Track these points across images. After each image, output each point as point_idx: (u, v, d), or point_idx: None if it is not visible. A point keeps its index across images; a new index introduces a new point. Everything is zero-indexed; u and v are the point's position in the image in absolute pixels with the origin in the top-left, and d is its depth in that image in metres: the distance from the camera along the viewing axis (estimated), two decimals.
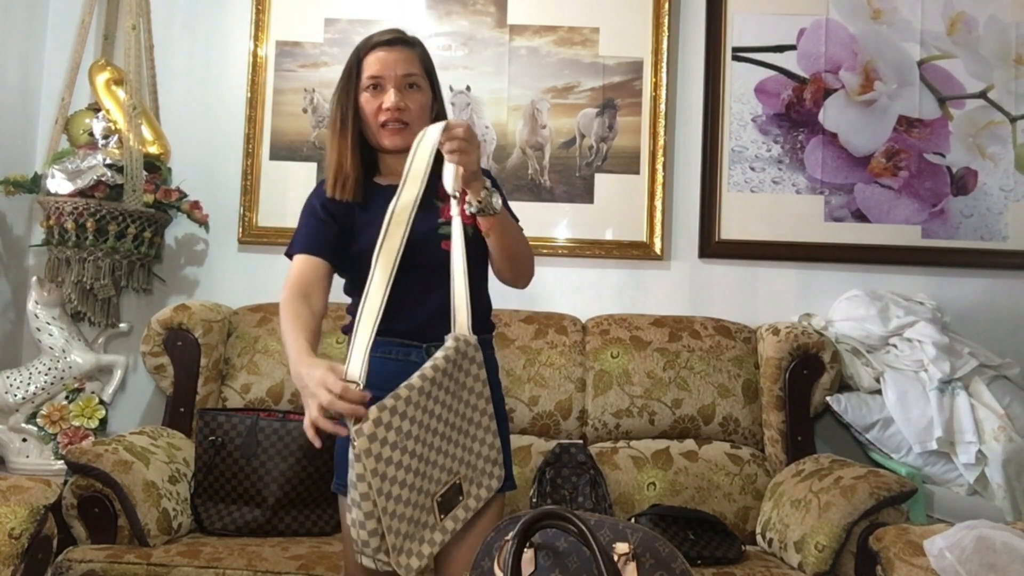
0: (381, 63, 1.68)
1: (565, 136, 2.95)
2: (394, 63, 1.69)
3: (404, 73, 1.69)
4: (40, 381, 2.64)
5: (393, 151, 1.72)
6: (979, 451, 2.51)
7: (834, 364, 2.59)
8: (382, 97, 1.68)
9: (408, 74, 1.69)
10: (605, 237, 2.93)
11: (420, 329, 1.66)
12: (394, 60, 1.69)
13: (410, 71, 1.70)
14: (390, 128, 1.69)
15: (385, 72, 1.68)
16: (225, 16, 3.01)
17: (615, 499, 2.47)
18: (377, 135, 1.70)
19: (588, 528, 1.11)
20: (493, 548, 1.27)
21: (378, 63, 1.69)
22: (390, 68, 1.68)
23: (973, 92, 2.93)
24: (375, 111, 1.68)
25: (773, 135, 2.93)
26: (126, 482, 2.15)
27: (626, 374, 2.63)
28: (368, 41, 1.72)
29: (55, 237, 2.64)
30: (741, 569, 2.16)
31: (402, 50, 1.71)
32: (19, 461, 2.61)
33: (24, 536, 1.70)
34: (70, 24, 2.92)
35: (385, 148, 1.72)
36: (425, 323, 1.66)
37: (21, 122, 2.93)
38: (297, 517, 2.36)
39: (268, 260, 2.89)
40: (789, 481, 2.40)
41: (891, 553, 1.88)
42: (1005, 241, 2.90)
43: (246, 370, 2.64)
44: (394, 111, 1.67)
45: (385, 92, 1.68)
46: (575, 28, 2.96)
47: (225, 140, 2.96)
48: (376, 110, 1.68)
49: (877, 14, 2.94)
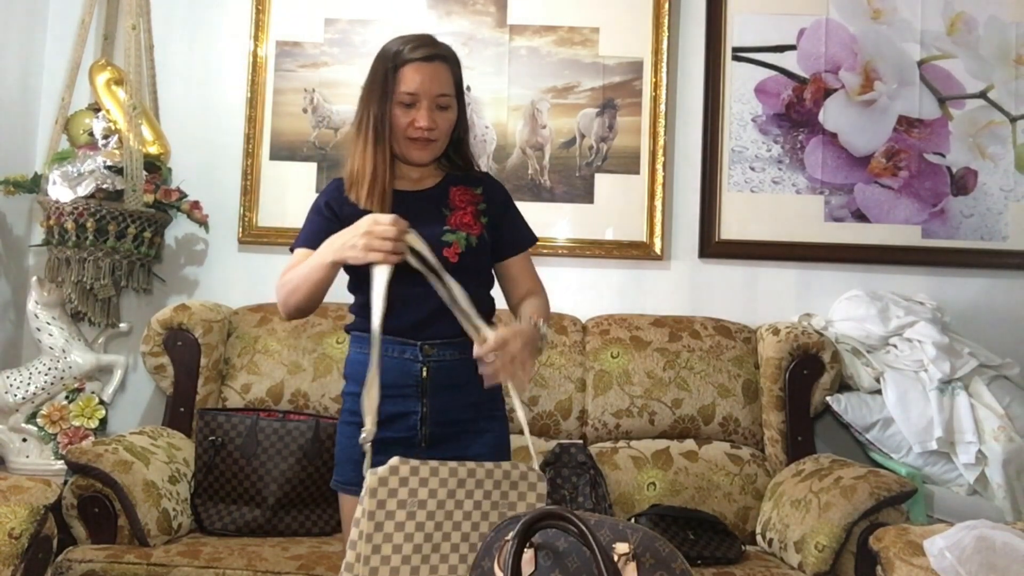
0: (418, 81, 1.67)
1: (565, 136, 2.95)
2: (431, 82, 1.68)
3: (439, 93, 1.69)
4: (40, 381, 2.64)
5: (418, 164, 1.74)
6: (979, 451, 2.51)
7: (834, 364, 2.59)
8: (414, 114, 1.68)
9: (442, 94, 1.69)
10: (605, 237, 2.93)
11: (416, 328, 1.66)
12: (431, 79, 1.68)
13: (444, 91, 1.70)
14: (419, 144, 1.70)
15: (421, 90, 1.67)
16: (225, 16, 3.01)
17: (615, 499, 2.47)
18: (404, 147, 1.71)
19: (588, 528, 1.10)
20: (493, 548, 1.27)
21: (415, 81, 1.67)
22: (427, 86, 1.67)
23: (973, 92, 2.93)
24: (406, 125, 1.69)
25: (773, 135, 2.93)
26: (126, 482, 2.15)
27: (626, 374, 2.63)
28: (406, 52, 1.70)
29: (55, 237, 2.64)
30: (741, 569, 2.16)
31: (439, 67, 1.70)
32: (19, 461, 2.61)
33: (24, 536, 1.70)
34: (70, 24, 2.92)
35: (411, 160, 1.73)
36: (422, 322, 1.66)
37: (21, 122, 2.93)
38: (297, 517, 2.36)
39: (268, 260, 2.88)
40: (789, 481, 2.40)
41: (891, 553, 1.88)
42: (1005, 241, 2.90)
43: (246, 370, 2.64)
44: (425, 131, 1.68)
45: (419, 110, 1.68)
46: (575, 28, 2.96)
47: (225, 140, 2.96)
48: (407, 124, 1.68)
49: (877, 14, 2.94)
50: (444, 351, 1.66)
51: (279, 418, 2.42)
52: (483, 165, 2.91)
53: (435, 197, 1.75)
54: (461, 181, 1.78)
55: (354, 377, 1.72)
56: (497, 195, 1.80)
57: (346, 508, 1.73)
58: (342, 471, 1.73)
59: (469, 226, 1.72)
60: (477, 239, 1.71)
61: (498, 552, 1.24)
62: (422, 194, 1.75)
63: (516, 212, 1.83)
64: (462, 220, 1.73)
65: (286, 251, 1.76)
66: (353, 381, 1.72)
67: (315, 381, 2.60)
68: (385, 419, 1.65)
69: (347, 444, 1.71)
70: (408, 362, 1.66)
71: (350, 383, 1.74)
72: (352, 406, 1.70)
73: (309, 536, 2.34)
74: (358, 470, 1.67)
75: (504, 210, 1.79)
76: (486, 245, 1.73)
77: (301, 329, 2.67)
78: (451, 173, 1.79)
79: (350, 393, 1.73)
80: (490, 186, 1.81)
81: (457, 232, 1.70)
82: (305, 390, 2.60)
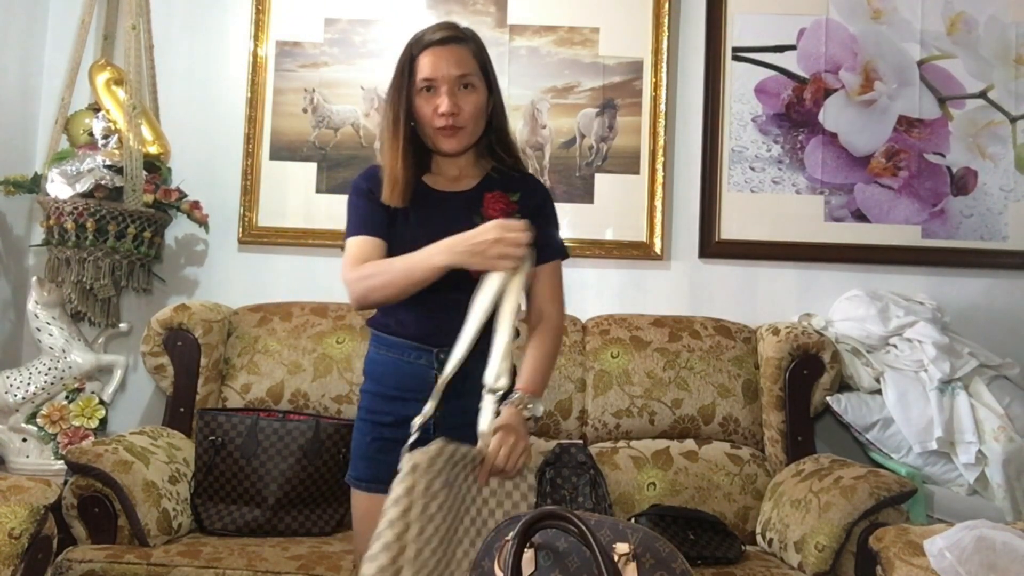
0: (434, 65, 1.63)
1: (565, 136, 2.95)
2: (447, 64, 1.63)
3: (458, 74, 1.64)
4: (40, 381, 2.64)
5: (449, 154, 1.69)
6: (979, 451, 2.51)
7: (834, 364, 2.59)
8: (436, 100, 1.63)
9: (462, 75, 1.64)
10: (605, 237, 2.93)
11: (432, 335, 1.66)
12: (447, 61, 1.63)
13: (464, 71, 1.64)
14: (446, 132, 1.65)
15: (438, 74, 1.63)
16: (225, 16, 3.01)
17: (615, 499, 2.47)
18: (433, 138, 1.67)
19: (588, 528, 1.11)
20: (493, 548, 1.27)
21: (431, 65, 1.63)
22: (443, 69, 1.63)
23: (973, 92, 2.93)
24: (430, 114, 1.64)
25: (773, 135, 2.93)
26: (126, 482, 2.15)
27: (626, 374, 2.63)
28: (420, 39, 1.66)
29: (55, 237, 2.64)
30: (741, 569, 2.16)
31: (455, 49, 1.65)
32: (19, 461, 2.61)
33: (24, 536, 1.70)
34: (70, 24, 2.92)
35: (442, 151, 1.69)
36: (439, 329, 1.65)
37: (21, 122, 2.93)
38: (297, 517, 2.36)
39: (268, 260, 2.88)
40: (789, 481, 2.40)
41: (891, 553, 1.88)
42: (1005, 241, 2.90)
43: (246, 370, 2.64)
44: (448, 116, 1.63)
45: (439, 95, 1.63)
46: (575, 28, 2.96)
47: (225, 140, 2.96)
48: (431, 113, 1.64)
49: (877, 14, 2.94)
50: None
51: (279, 418, 2.42)
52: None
53: (469, 202, 1.70)
54: (499, 184, 1.73)
55: (373, 376, 1.74)
56: (533, 201, 1.74)
57: (355, 505, 1.75)
58: (355, 467, 1.74)
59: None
60: None
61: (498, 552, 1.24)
62: (457, 197, 1.71)
63: (550, 220, 1.77)
64: None
65: (286, 251, 1.76)
66: (372, 380, 1.74)
67: (315, 381, 2.60)
68: (399, 421, 1.67)
69: (362, 441, 1.72)
70: (423, 367, 1.67)
71: (369, 381, 1.75)
72: (369, 404, 1.73)
73: (309, 536, 2.34)
74: (371, 467, 1.69)
75: (537, 217, 1.70)
76: None
77: (301, 329, 2.67)
78: (491, 174, 1.74)
79: (367, 391, 1.74)
80: (529, 192, 1.75)
81: None
82: (305, 390, 2.60)
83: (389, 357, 1.71)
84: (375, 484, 1.67)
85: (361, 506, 1.73)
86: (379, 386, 1.72)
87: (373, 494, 1.66)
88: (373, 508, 1.65)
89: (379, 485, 1.65)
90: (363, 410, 1.75)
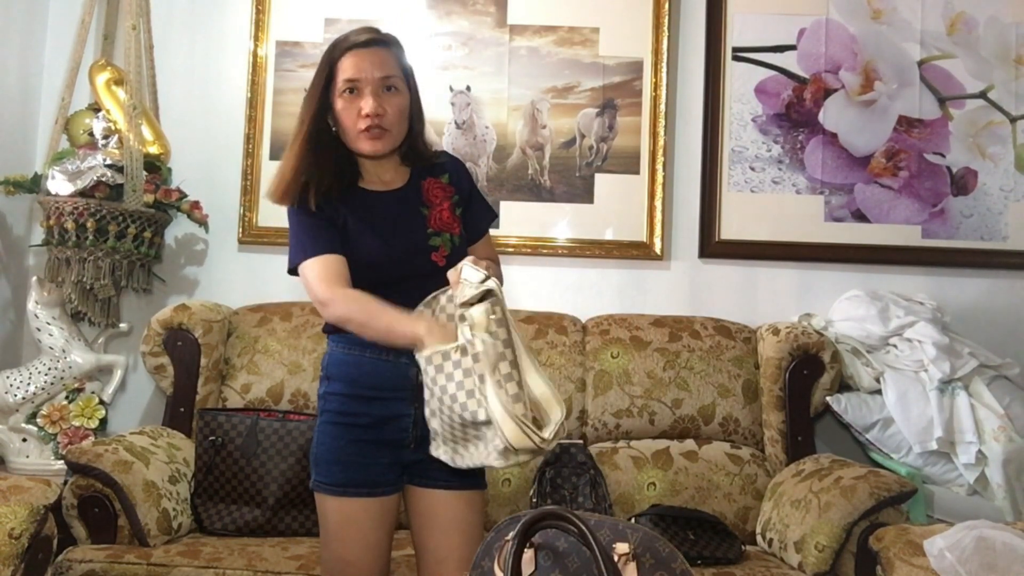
0: (357, 66, 1.62)
1: (565, 136, 2.95)
2: (371, 65, 1.62)
3: (382, 76, 1.63)
4: (40, 381, 2.64)
5: (372, 157, 1.68)
6: (979, 451, 2.51)
7: (834, 364, 2.59)
8: (359, 102, 1.62)
9: (386, 76, 1.64)
10: (605, 237, 2.93)
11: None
12: (371, 62, 1.63)
13: (387, 73, 1.64)
14: (371, 134, 1.63)
15: (362, 75, 1.62)
16: (225, 16, 3.01)
17: (615, 499, 2.47)
18: (356, 141, 1.66)
19: (588, 528, 1.11)
20: (493, 548, 1.27)
21: (354, 66, 1.62)
22: (367, 71, 1.62)
23: (973, 92, 2.92)
24: (354, 116, 1.63)
25: (773, 135, 2.93)
26: (126, 482, 2.15)
27: (626, 374, 2.63)
28: (342, 42, 1.66)
29: (55, 237, 2.64)
30: (741, 569, 2.16)
31: (378, 51, 1.65)
32: (19, 461, 2.61)
33: (24, 536, 1.70)
34: (70, 24, 2.92)
35: (365, 154, 1.68)
36: None
37: (21, 122, 2.93)
38: (297, 517, 2.36)
39: (268, 260, 2.88)
40: (789, 481, 2.40)
41: (891, 553, 1.88)
42: (1005, 241, 2.90)
43: (246, 370, 2.64)
44: (373, 117, 1.62)
45: (362, 96, 1.62)
46: (575, 28, 2.96)
47: (225, 140, 2.96)
48: (355, 116, 1.63)
49: (877, 14, 2.94)
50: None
51: (279, 418, 2.42)
52: (483, 165, 2.92)
53: (411, 197, 1.71)
54: (429, 172, 1.74)
55: (342, 377, 1.69)
56: (463, 181, 1.77)
57: (328, 511, 1.68)
58: (328, 472, 1.67)
59: (450, 225, 1.70)
60: (459, 238, 1.70)
61: (498, 552, 1.25)
62: (397, 195, 1.72)
63: (477, 192, 1.82)
64: (442, 219, 1.70)
65: (286, 251, 1.74)
66: (341, 381, 1.69)
67: (315, 381, 2.60)
68: (378, 421, 1.66)
69: (334, 445, 1.67)
70: (403, 366, 1.63)
71: (334, 383, 1.70)
72: (340, 406, 1.68)
73: (309, 536, 2.34)
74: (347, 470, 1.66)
75: (470, 194, 1.77)
76: (465, 241, 1.72)
77: (301, 329, 2.67)
78: (416, 166, 1.75)
79: (335, 393, 1.69)
80: (454, 171, 1.77)
81: (442, 234, 1.68)
82: (305, 390, 2.60)
83: (364, 357, 1.66)
84: (353, 488, 1.64)
85: (339, 511, 1.66)
86: (352, 387, 1.67)
87: (353, 499, 1.63)
88: (354, 513, 1.63)
89: (358, 489, 1.64)
90: (331, 413, 1.68)
